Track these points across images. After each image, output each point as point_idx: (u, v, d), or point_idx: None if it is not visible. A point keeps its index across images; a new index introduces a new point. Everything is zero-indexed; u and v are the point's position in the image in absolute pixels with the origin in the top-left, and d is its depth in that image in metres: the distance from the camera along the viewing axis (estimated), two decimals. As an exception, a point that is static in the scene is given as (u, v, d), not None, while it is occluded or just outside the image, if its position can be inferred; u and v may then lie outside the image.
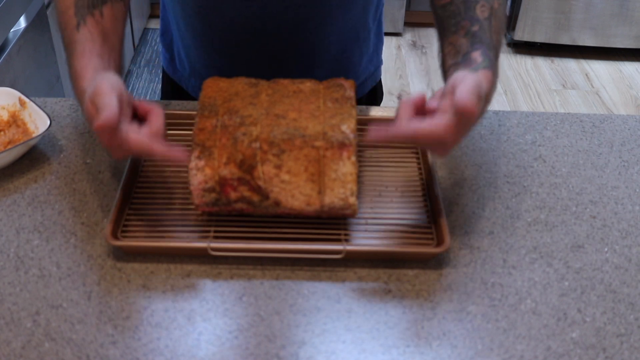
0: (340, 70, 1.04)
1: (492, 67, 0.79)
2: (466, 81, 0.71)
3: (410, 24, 3.48)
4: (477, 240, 0.84)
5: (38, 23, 1.72)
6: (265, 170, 0.77)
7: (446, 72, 0.83)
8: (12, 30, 1.60)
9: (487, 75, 0.77)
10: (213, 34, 1.04)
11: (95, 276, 0.77)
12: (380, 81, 1.23)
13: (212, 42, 1.05)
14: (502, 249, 0.83)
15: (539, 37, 3.22)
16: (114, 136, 0.71)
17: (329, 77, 1.03)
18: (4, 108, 0.96)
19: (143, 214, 0.84)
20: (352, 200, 0.78)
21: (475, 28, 0.83)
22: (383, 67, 1.27)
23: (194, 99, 1.15)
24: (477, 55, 0.79)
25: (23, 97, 0.96)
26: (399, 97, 2.90)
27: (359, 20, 1.06)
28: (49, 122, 0.91)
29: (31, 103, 0.95)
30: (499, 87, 3.03)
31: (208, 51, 1.07)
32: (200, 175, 0.78)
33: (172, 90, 1.19)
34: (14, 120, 0.96)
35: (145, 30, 3.24)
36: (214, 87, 0.85)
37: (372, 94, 1.21)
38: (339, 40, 1.06)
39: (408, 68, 3.14)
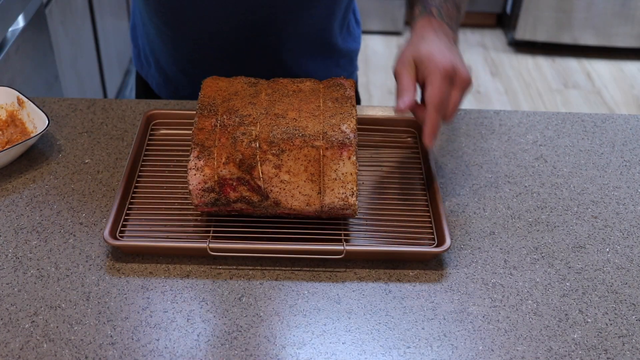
0: (307, 75, 1.04)
1: (428, 11, 0.85)
2: (429, 86, 0.78)
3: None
4: (478, 240, 0.83)
5: (37, 22, 1.71)
6: (264, 170, 0.77)
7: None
8: (10, 29, 1.60)
9: (424, 20, 0.84)
10: (173, 31, 1.04)
11: (94, 277, 0.77)
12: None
13: (172, 38, 1.05)
14: (503, 249, 0.82)
15: (541, 37, 3.21)
16: None
17: (293, 76, 1.03)
18: (2, 107, 0.96)
19: (142, 214, 0.84)
20: (352, 200, 0.78)
21: None
22: (383, 66, 1.26)
23: (158, 96, 1.16)
24: (417, 10, 0.87)
25: (21, 96, 0.95)
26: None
27: (323, 24, 1.05)
28: (47, 122, 0.91)
29: (29, 102, 0.95)
30: (500, 87, 3.02)
31: (168, 46, 1.07)
32: (199, 175, 0.77)
33: (143, 88, 1.19)
34: (12, 120, 0.95)
35: (146, 30, 3.23)
36: (213, 87, 0.85)
37: None
38: (303, 44, 1.06)
39: (409, 67, 3.13)
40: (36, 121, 0.94)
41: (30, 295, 0.74)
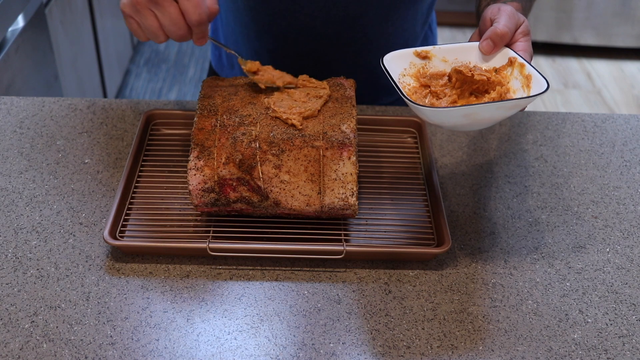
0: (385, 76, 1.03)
1: (521, 1, 0.85)
2: (502, 13, 0.78)
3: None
4: (478, 240, 0.83)
5: (36, 22, 1.71)
6: (264, 170, 0.77)
7: (480, 12, 0.88)
8: (10, 29, 1.60)
9: (514, 5, 0.83)
10: (260, 26, 1.03)
11: (94, 277, 0.77)
12: None
13: (257, 33, 1.05)
14: (503, 249, 0.82)
15: (541, 36, 3.21)
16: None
17: (373, 80, 1.01)
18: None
19: (142, 214, 0.84)
20: (352, 200, 0.78)
21: None
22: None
23: None
24: None
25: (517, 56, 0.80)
26: None
27: (408, 25, 1.05)
28: (545, 86, 0.73)
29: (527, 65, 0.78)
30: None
31: (253, 43, 1.06)
32: (199, 175, 0.77)
33: None
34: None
35: (145, 30, 3.23)
36: (213, 87, 0.85)
37: None
38: (387, 45, 1.05)
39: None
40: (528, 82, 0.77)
41: (30, 296, 0.74)
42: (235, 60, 1.12)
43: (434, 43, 1.17)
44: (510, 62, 0.78)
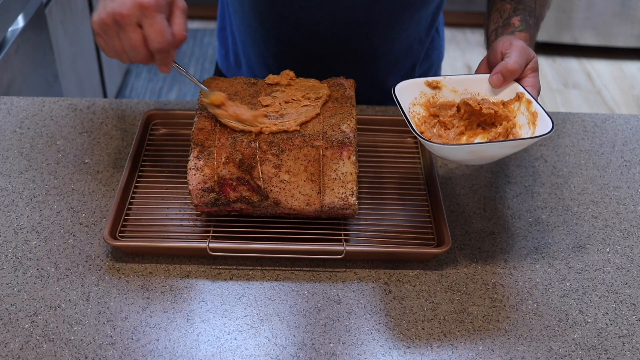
0: (391, 80, 1.03)
1: (529, 30, 0.87)
2: (514, 48, 0.80)
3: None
4: (478, 240, 0.83)
5: (36, 22, 1.71)
6: (264, 170, 0.77)
7: (488, 36, 0.91)
8: (10, 29, 1.60)
9: (523, 37, 0.85)
10: (266, 30, 1.03)
11: (94, 277, 0.77)
12: None
13: (264, 37, 1.05)
14: (503, 249, 0.82)
15: (540, 36, 3.20)
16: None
17: (378, 85, 1.02)
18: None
19: (142, 214, 0.84)
20: (352, 200, 0.78)
21: None
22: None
23: None
24: (516, 20, 0.88)
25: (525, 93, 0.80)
26: None
27: (413, 29, 1.05)
28: (551, 126, 0.74)
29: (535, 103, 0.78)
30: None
31: (260, 46, 1.07)
32: (199, 175, 0.77)
33: None
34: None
35: (145, 30, 3.23)
36: (213, 87, 0.85)
37: None
38: (393, 51, 1.05)
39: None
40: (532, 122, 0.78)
41: (30, 296, 0.74)
42: (243, 59, 1.12)
43: (440, 46, 1.17)
44: (518, 97, 0.80)
